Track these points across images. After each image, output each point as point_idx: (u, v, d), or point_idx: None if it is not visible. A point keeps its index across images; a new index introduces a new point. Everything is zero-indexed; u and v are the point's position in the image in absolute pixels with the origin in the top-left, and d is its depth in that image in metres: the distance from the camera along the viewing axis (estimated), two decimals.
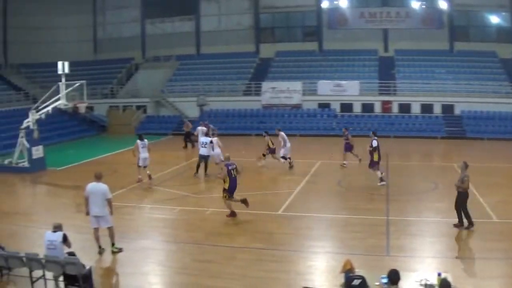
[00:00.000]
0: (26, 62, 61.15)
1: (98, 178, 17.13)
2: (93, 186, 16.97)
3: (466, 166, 19.17)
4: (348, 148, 32.59)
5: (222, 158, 28.34)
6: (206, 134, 31.40)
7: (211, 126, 37.14)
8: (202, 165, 29.95)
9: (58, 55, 51.94)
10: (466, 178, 18.81)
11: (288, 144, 32.29)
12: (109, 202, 16.94)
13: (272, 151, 32.73)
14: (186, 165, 34.33)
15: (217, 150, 30.25)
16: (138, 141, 29.03)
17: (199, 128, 36.13)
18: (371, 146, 27.31)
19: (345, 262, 12.34)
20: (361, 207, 22.36)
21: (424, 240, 17.99)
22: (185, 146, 41.34)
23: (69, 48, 62.48)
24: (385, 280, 11.01)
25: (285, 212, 22.12)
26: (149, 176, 28.85)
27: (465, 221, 18.73)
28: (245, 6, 60.14)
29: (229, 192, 21.23)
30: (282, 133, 32.53)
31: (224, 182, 21.32)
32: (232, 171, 21.33)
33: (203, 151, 29.95)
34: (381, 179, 26.74)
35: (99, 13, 65.74)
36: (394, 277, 10.65)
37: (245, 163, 32.45)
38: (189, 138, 41.34)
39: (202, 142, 30.41)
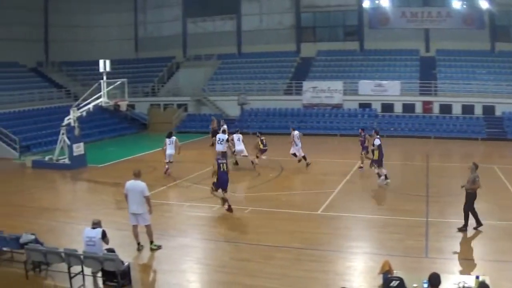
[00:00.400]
0: (67, 60, 62.06)
1: (137, 176, 17.33)
2: (131, 184, 17.21)
3: (476, 167, 19.39)
4: (364, 149, 31.61)
5: (245, 153, 31.63)
6: (223, 131, 32.77)
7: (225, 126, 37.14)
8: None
9: (99, 53, 52.66)
10: (477, 179, 18.91)
11: (299, 144, 32.39)
12: (147, 200, 17.15)
13: (263, 151, 33.30)
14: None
15: (240, 147, 32.12)
16: (166, 138, 30.80)
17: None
18: (373, 144, 27.54)
19: (384, 263, 12.45)
20: (401, 208, 22.30)
21: (463, 242, 17.91)
22: (213, 144, 41.53)
23: (111, 47, 63.42)
24: (426, 285, 10.96)
25: (325, 212, 22.18)
26: (166, 170, 30.44)
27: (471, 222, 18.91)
28: (286, 5, 60.12)
29: (216, 185, 22.13)
30: (294, 133, 32.74)
31: (212, 176, 22.42)
32: (221, 165, 22.04)
33: (218, 147, 31.11)
34: (386, 177, 27.15)
35: (140, 12, 66.41)
36: (434, 281, 10.56)
37: (285, 163, 32.73)
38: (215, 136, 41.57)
39: (219, 138, 31.75)
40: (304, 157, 32.25)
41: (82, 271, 14.76)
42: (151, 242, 17.51)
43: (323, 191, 25.85)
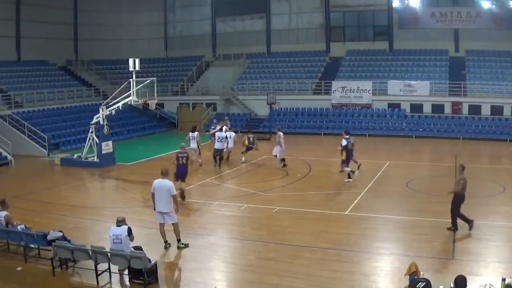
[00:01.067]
0: (96, 59, 62.56)
1: (164, 174, 17.46)
2: (159, 183, 17.35)
3: (463, 168, 19.53)
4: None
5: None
6: (221, 130, 33.65)
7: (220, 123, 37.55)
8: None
9: (129, 52, 53.26)
10: (462, 181, 18.98)
11: (282, 146, 32.49)
12: (174, 198, 17.27)
13: (249, 148, 34.47)
14: (254, 163, 34.43)
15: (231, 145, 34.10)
16: (190, 132, 32.48)
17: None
18: (341, 145, 28.23)
19: (410, 265, 12.46)
20: (429, 209, 22.14)
21: (490, 244, 17.74)
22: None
23: (140, 46, 64.05)
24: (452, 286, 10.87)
25: (352, 212, 22.13)
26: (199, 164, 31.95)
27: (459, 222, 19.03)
28: (316, 5, 59.98)
29: (175, 176, 23.28)
30: (279, 133, 32.87)
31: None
32: (180, 158, 23.86)
33: (217, 145, 32.52)
34: (349, 175, 28.02)
35: (170, 11, 66.70)
36: (461, 283, 10.46)
37: (313, 163, 32.80)
38: None
39: (218, 136, 32.68)
40: (283, 159, 32.43)
41: (109, 268, 14.92)
42: (178, 241, 17.60)
43: (351, 191, 25.84)
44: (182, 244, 17.61)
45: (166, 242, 17.60)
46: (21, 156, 37.70)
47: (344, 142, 27.96)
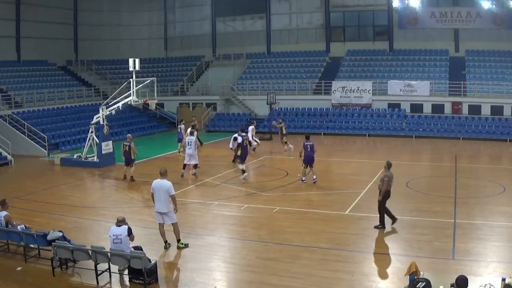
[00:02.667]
0: (96, 59, 62.65)
1: (163, 175, 17.40)
2: (158, 183, 17.30)
3: (389, 166, 19.73)
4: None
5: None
6: (191, 133, 31.27)
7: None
8: None
9: (129, 52, 53.48)
10: (387, 179, 19.25)
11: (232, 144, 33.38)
12: (172, 199, 17.25)
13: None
14: (254, 163, 34.40)
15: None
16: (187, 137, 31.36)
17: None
18: (237, 142, 30.47)
19: (411, 265, 12.46)
20: (429, 209, 22.15)
21: (491, 244, 17.71)
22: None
23: (140, 46, 64.29)
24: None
25: (352, 213, 22.10)
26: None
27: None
28: (316, 5, 59.98)
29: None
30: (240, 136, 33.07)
31: None
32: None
33: (187, 151, 30.15)
34: (243, 171, 29.06)
35: (169, 11, 66.75)
36: (462, 283, 10.45)
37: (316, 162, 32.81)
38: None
39: (187, 141, 30.62)
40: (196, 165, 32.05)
41: (109, 268, 14.91)
42: (178, 241, 17.58)
43: (351, 192, 25.78)
44: (182, 244, 17.58)
45: (166, 242, 17.58)
46: (21, 156, 37.72)
47: (239, 139, 29.92)
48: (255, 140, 37.88)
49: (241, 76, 59.64)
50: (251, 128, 38.11)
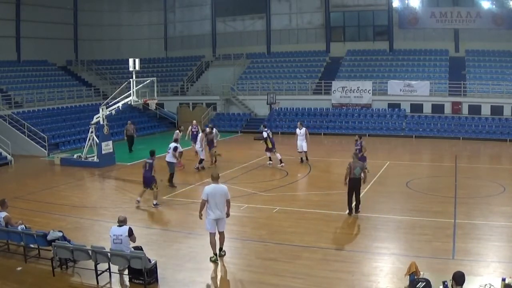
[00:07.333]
0: (96, 59, 62.82)
1: (216, 179, 16.50)
2: (213, 188, 16.27)
3: (356, 156, 22.05)
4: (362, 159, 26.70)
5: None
6: (175, 140, 29.73)
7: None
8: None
9: (129, 52, 53.47)
10: (348, 167, 21.24)
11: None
12: (228, 203, 16.46)
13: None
14: (254, 163, 34.42)
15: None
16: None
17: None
18: (263, 137, 32.88)
19: (411, 265, 12.45)
20: (429, 209, 22.12)
21: (491, 244, 17.71)
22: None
23: (140, 46, 64.17)
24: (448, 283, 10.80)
25: (352, 212, 22.11)
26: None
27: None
28: (316, 5, 59.97)
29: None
30: (304, 128, 34.33)
31: None
32: (146, 164, 23.99)
33: (168, 157, 28.54)
34: (280, 161, 32.02)
35: (169, 11, 66.74)
36: (459, 279, 10.32)
37: (313, 163, 32.82)
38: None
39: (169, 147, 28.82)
40: (201, 160, 32.38)
41: (109, 268, 14.92)
42: (221, 249, 16.91)
43: None
44: (224, 252, 17.01)
45: (215, 254, 16.63)
46: (21, 156, 37.75)
47: (265, 135, 32.38)
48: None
49: (241, 76, 59.63)
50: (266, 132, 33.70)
